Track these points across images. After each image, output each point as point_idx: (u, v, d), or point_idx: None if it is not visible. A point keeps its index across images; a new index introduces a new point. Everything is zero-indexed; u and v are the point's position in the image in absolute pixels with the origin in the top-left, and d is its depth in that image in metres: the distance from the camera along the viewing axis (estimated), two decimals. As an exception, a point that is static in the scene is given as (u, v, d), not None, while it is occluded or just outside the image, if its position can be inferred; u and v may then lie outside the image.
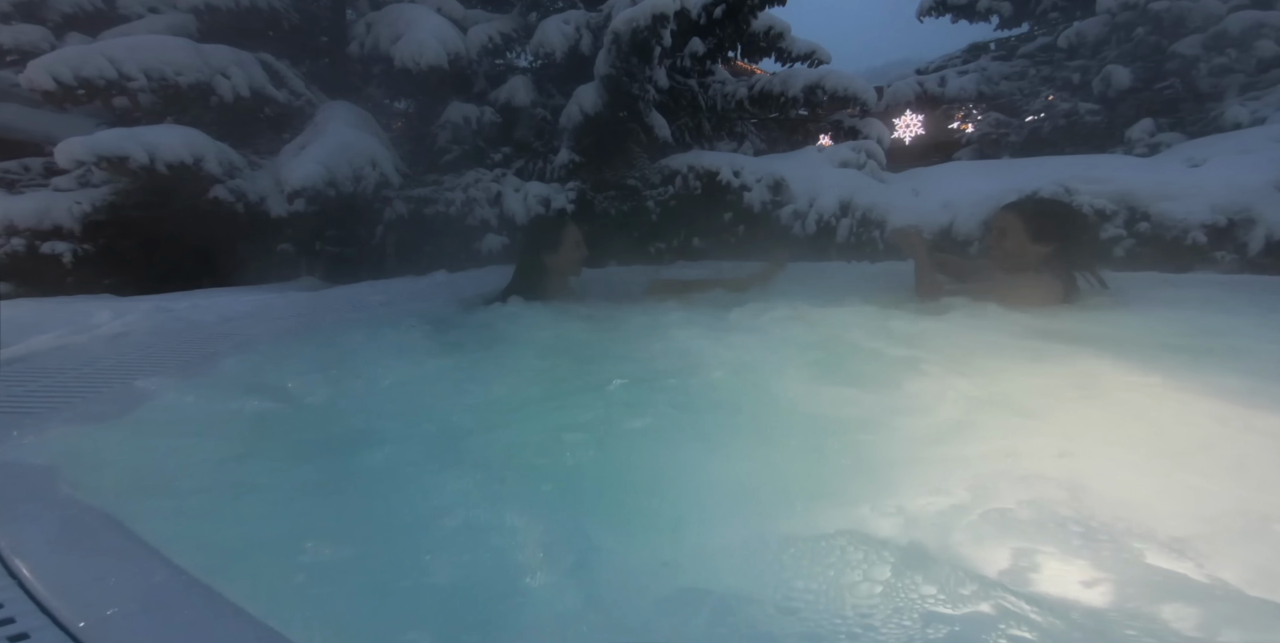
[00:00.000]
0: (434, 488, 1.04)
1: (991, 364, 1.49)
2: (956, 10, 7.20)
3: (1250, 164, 2.96)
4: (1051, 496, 0.93)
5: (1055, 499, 0.92)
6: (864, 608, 0.72)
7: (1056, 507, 0.90)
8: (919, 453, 1.11)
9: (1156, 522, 0.86)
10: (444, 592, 0.79)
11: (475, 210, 4.50)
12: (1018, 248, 2.11)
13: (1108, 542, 0.83)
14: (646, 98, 4.39)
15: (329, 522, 0.98)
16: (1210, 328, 1.75)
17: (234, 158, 4.25)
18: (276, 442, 1.31)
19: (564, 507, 0.99)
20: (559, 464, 1.12)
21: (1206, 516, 0.87)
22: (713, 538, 0.88)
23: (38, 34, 4.94)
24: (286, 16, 4.90)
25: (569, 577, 0.80)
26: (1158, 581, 0.75)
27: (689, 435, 1.23)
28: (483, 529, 0.90)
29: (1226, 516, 0.87)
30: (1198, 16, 4.89)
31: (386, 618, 0.75)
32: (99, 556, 0.79)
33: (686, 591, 0.76)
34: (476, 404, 1.46)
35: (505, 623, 0.74)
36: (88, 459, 1.14)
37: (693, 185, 4.12)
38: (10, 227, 4.07)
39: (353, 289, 3.37)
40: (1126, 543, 0.82)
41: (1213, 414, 1.17)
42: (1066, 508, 0.90)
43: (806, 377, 1.47)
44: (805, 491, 1.00)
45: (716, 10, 4.22)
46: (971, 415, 1.23)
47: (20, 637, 0.65)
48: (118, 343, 2.03)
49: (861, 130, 4.88)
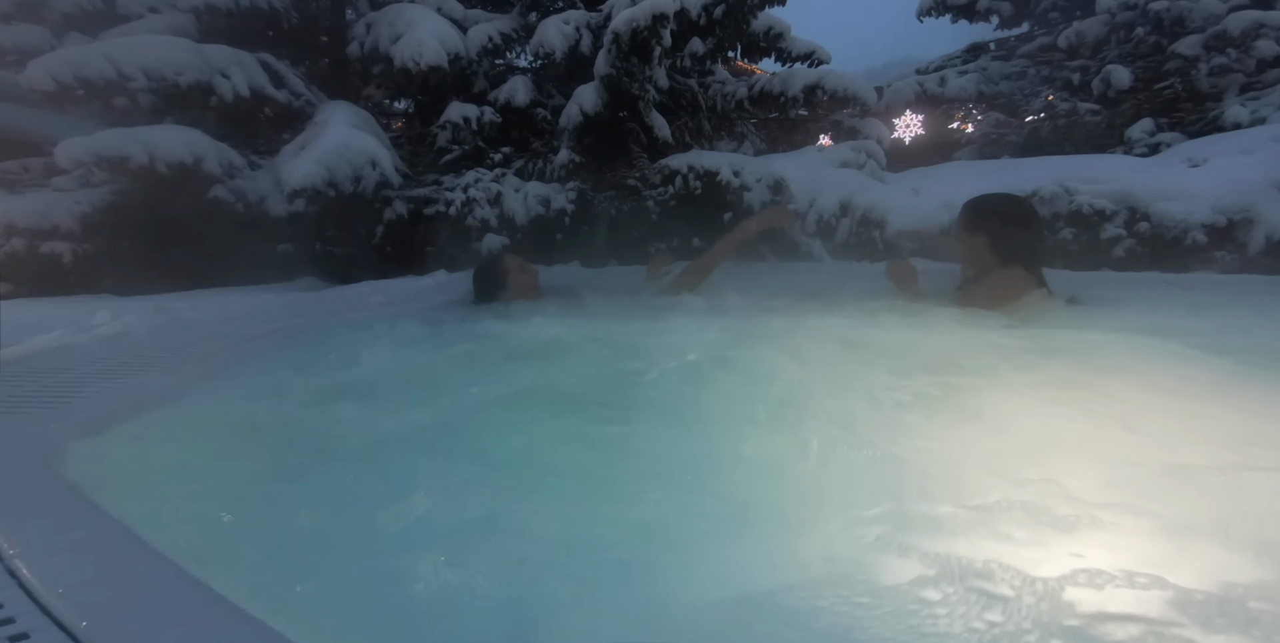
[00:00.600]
0: (427, 484, 1.05)
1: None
2: (956, 10, 7.21)
3: (1250, 164, 2.96)
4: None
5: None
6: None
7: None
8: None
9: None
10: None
11: (475, 210, 4.50)
12: (962, 243, 2.15)
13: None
14: (646, 98, 4.39)
15: (329, 521, 0.98)
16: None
17: (234, 158, 4.25)
18: (276, 441, 1.31)
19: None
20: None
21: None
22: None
23: (37, 34, 4.94)
24: (286, 17, 4.89)
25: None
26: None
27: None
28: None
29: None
30: (1198, 16, 4.89)
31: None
32: (99, 556, 0.79)
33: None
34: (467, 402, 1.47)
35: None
36: (88, 459, 1.14)
37: (693, 185, 4.12)
38: (10, 227, 4.07)
39: (353, 289, 3.37)
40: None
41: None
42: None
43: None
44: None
45: (716, 10, 4.21)
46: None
47: (20, 637, 0.65)
48: (118, 343, 2.03)
49: (861, 130, 4.88)
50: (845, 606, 0.71)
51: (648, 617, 0.73)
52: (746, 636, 0.70)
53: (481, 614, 0.76)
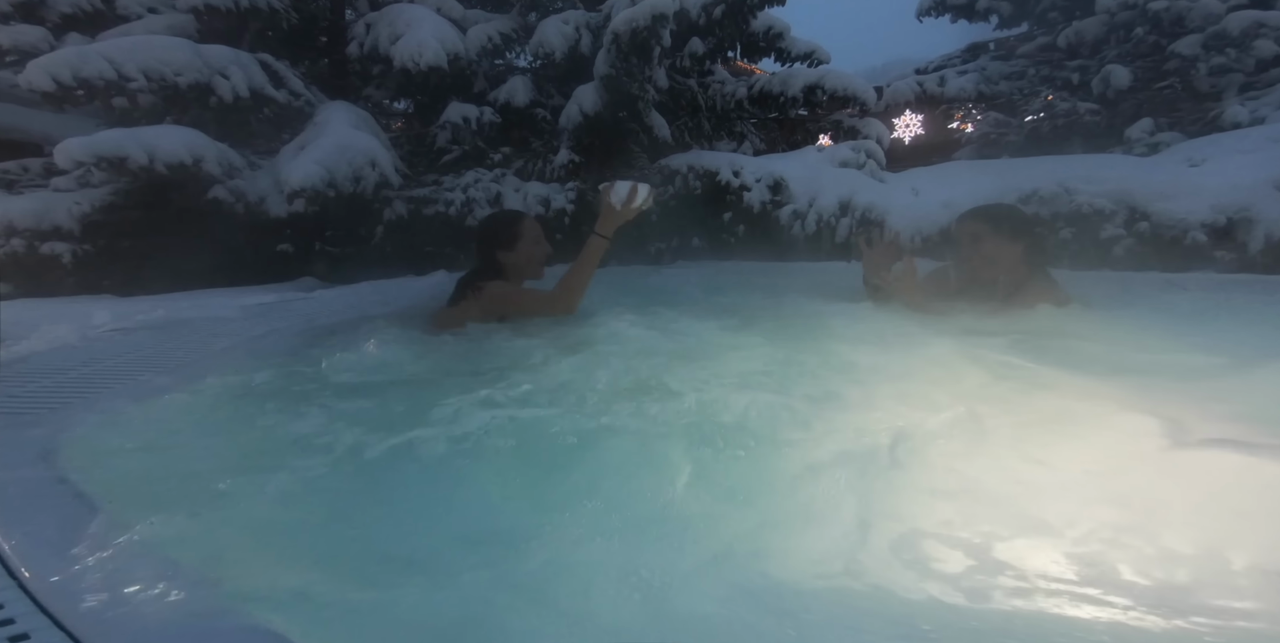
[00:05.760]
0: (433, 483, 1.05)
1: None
2: (956, 10, 7.21)
3: (1250, 164, 2.97)
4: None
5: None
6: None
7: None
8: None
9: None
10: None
11: (475, 210, 4.50)
12: (995, 250, 2.07)
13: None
14: (646, 98, 4.39)
15: (326, 521, 0.98)
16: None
17: (233, 158, 4.25)
18: (275, 441, 1.31)
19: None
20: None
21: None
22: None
23: (37, 34, 4.93)
24: (286, 17, 4.89)
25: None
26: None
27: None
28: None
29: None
30: (1197, 16, 4.90)
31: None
32: (99, 556, 0.79)
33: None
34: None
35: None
36: (88, 459, 1.14)
37: (693, 185, 4.12)
38: (10, 227, 4.07)
39: (352, 289, 3.37)
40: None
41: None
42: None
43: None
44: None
45: (716, 10, 4.22)
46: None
47: (20, 637, 0.65)
48: (118, 343, 2.03)
49: (861, 130, 4.89)
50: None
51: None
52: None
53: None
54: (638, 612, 0.72)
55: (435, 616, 0.76)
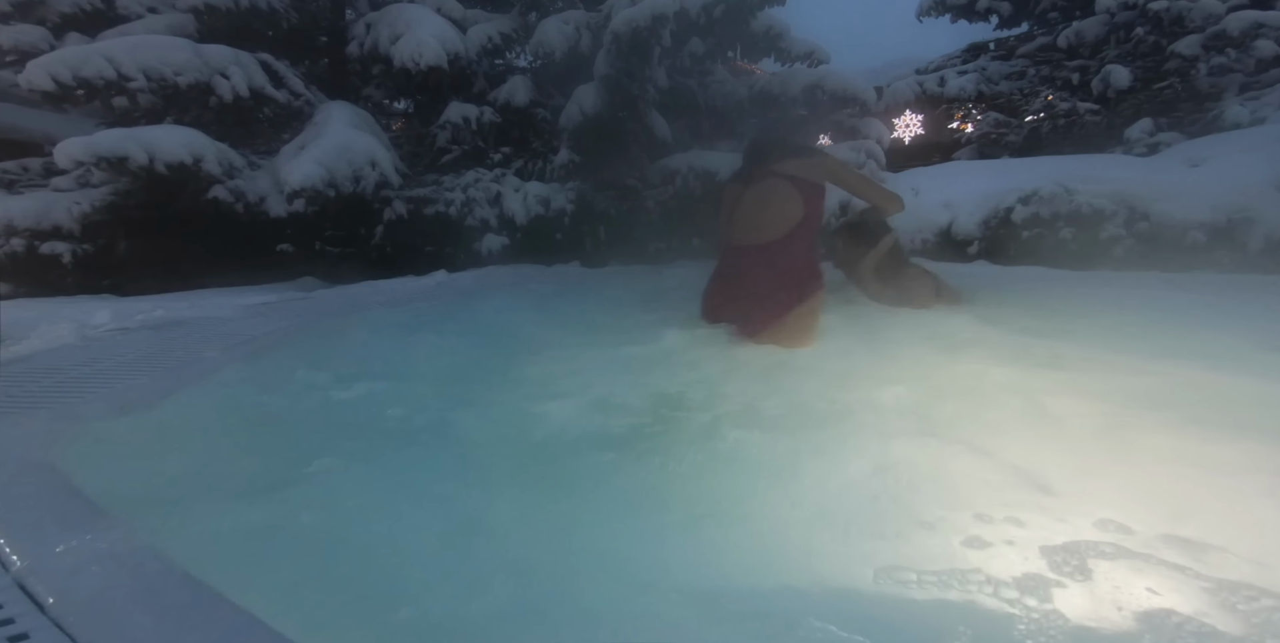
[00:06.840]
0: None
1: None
2: (956, 10, 7.21)
3: (1250, 164, 2.97)
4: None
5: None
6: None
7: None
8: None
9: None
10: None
11: (475, 210, 4.50)
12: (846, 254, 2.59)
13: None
14: (646, 98, 4.39)
15: (325, 520, 0.98)
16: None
17: (234, 158, 4.25)
18: (274, 440, 1.31)
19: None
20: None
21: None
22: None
23: (37, 34, 4.93)
24: (286, 16, 4.89)
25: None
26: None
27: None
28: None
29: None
30: (1197, 16, 4.89)
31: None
32: (99, 556, 0.79)
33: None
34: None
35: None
36: (88, 458, 1.14)
37: (693, 185, 4.12)
38: (10, 227, 4.07)
39: (352, 289, 3.37)
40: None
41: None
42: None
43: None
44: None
45: (716, 10, 4.21)
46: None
47: (20, 637, 0.65)
48: (118, 343, 2.03)
49: (861, 130, 4.88)
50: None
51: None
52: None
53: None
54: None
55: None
